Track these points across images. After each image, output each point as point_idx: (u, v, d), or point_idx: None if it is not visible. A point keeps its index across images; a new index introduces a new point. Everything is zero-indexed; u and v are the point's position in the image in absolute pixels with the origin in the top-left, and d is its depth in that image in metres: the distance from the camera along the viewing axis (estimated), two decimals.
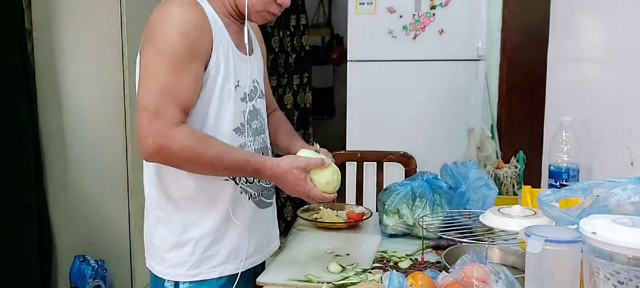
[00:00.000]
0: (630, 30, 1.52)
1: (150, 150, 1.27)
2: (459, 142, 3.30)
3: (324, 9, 5.34)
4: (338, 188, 1.37)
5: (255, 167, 1.33)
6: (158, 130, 1.25)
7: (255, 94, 1.47)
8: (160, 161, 1.32)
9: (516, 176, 2.36)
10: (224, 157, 1.30)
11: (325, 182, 1.33)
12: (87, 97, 2.90)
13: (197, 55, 1.30)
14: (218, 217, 1.41)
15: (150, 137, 1.26)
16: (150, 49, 1.29)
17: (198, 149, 1.28)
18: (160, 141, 1.26)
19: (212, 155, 1.29)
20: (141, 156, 1.31)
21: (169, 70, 1.27)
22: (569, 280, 1.02)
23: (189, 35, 1.28)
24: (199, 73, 1.31)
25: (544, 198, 1.13)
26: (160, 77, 1.27)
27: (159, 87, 1.27)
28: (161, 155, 1.28)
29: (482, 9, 3.26)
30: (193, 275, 1.42)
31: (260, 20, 1.45)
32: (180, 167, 1.33)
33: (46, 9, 2.87)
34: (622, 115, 1.55)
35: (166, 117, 1.26)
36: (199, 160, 1.29)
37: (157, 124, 1.25)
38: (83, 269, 2.81)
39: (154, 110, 1.26)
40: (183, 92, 1.28)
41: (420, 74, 3.32)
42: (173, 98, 1.27)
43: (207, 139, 1.31)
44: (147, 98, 1.27)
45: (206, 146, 1.29)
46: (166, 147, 1.26)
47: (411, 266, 1.47)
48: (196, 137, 1.29)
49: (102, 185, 2.93)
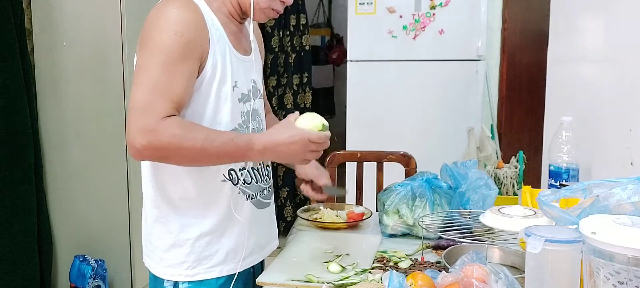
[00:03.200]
0: (630, 30, 1.52)
1: (139, 148, 1.22)
2: (459, 142, 3.30)
3: (324, 9, 5.34)
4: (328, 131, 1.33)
5: (245, 141, 1.28)
6: (146, 126, 1.21)
7: (254, 95, 1.47)
8: (151, 157, 1.28)
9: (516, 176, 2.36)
10: (213, 138, 1.26)
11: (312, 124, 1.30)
12: (87, 97, 2.90)
13: (191, 55, 1.29)
14: (216, 217, 1.41)
15: (138, 134, 1.21)
16: (144, 50, 1.29)
17: (187, 135, 1.22)
18: (148, 136, 1.21)
19: (201, 139, 1.24)
20: (132, 156, 1.26)
21: (161, 69, 1.24)
22: (569, 280, 1.02)
23: (184, 34, 1.26)
24: (192, 73, 1.30)
25: (544, 198, 1.13)
26: (151, 75, 1.25)
27: (151, 85, 1.24)
28: (151, 151, 1.23)
29: (482, 9, 3.27)
30: (191, 274, 1.42)
31: (263, 17, 1.45)
32: (172, 160, 1.30)
33: (46, 9, 2.87)
34: (622, 115, 1.55)
35: (155, 112, 1.22)
36: (189, 147, 1.23)
37: (145, 119, 1.22)
38: (83, 269, 2.81)
39: (142, 107, 1.23)
40: (174, 90, 1.26)
41: (420, 74, 3.32)
42: (163, 94, 1.24)
43: (194, 125, 1.28)
44: (137, 96, 1.24)
45: (195, 131, 1.25)
46: (154, 141, 1.21)
47: (411, 266, 1.47)
48: (184, 125, 1.25)
49: (102, 185, 2.93)
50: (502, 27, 3.48)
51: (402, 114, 3.33)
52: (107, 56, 2.84)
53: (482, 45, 3.27)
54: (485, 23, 3.29)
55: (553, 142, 1.71)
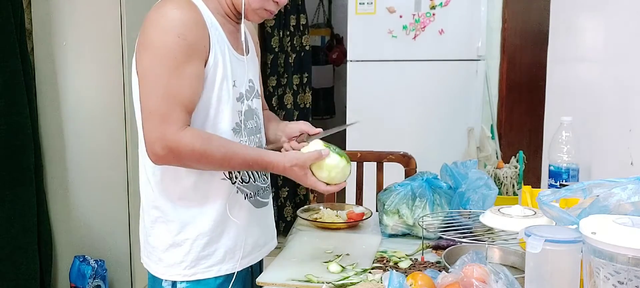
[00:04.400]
0: (630, 30, 1.52)
1: (160, 154, 1.29)
2: (459, 142, 3.31)
3: (324, 9, 5.34)
4: (347, 173, 1.38)
5: (263, 165, 1.37)
6: (165, 135, 1.27)
7: (251, 94, 1.47)
8: (169, 164, 1.34)
9: (516, 176, 2.36)
10: (231, 158, 1.33)
11: (327, 176, 1.35)
12: (87, 97, 2.90)
13: (195, 56, 1.30)
14: (214, 216, 1.41)
15: (158, 142, 1.28)
16: (148, 53, 1.30)
17: (206, 152, 1.30)
18: (169, 145, 1.28)
19: (220, 157, 1.32)
20: (151, 160, 1.33)
21: (170, 74, 1.27)
22: (569, 280, 1.02)
23: (186, 36, 1.28)
24: (199, 72, 1.32)
25: (544, 198, 1.13)
26: (163, 81, 1.28)
27: (163, 90, 1.28)
28: (170, 159, 1.31)
29: (482, 9, 3.27)
30: (190, 274, 1.42)
31: (257, 18, 1.45)
32: (188, 167, 1.36)
33: (46, 9, 2.86)
34: (622, 115, 1.55)
35: (173, 121, 1.27)
36: (207, 162, 1.32)
37: (164, 128, 1.27)
38: (83, 269, 2.81)
39: (160, 115, 1.27)
40: (186, 93, 1.30)
41: (420, 74, 3.32)
42: (177, 101, 1.28)
43: (212, 140, 1.33)
44: (151, 103, 1.29)
45: (213, 148, 1.31)
46: (174, 151, 1.28)
47: (411, 266, 1.47)
48: (203, 138, 1.31)
49: (101, 185, 2.92)
50: (502, 27, 3.48)
51: (402, 114, 3.33)
52: (107, 56, 2.83)
53: (482, 45, 3.27)
54: (485, 23, 3.29)
55: (553, 142, 1.71)
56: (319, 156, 1.35)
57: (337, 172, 1.36)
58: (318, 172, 1.36)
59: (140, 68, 1.32)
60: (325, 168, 1.35)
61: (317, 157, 1.35)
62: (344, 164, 1.37)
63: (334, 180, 1.36)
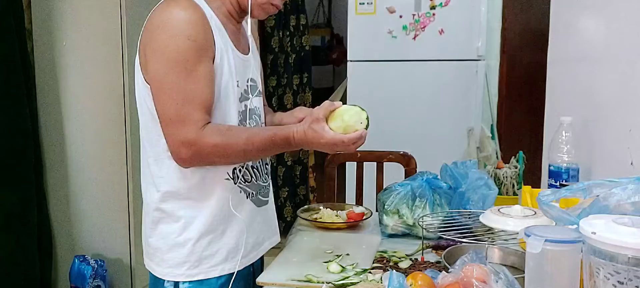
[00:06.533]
0: (630, 30, 1.52)
1: (185, 157, 1.32)
2: (459, 142, 3.30)
3: (324, 9, 5.35)
4: (363, 118, 1.32)
5: (283, 137, 1.34)
6: (187, 138, 1.29)
7: (252, 93, 1.48)
8: (197, 165, 1.36)
9: (516, 176, 2.36)
10: (253, 140, 1.34)
11: (341, 122, 1.31)
12: (87, 97, 2.90)
13: (205, 56, 1.32)
14: (216, 216, 1.41)
15: (182, 147, 1.30)
16: (160, 59, 1.30)
17: (229, 143, 1.32)
18: (192, 148, 1.30)
19: (242, 144, 1.33)
20: (179, 165, 1.35)
21: (186, 78, 1.28)
22: (569, 280, 1.02)
23: (195, 38, 1.29)
24: (211, 71, 1.33)
25: (544, 198, 1.13)
26: (179, 87, 1.29)
27: (181, 96, 1.29)
28: (196, 160, 1.33)
29: (482, 9, 3.27)
30: (193, 274, 1.42)
31: (263, 14, 1.45)
32: (216, 164, 1.38)
33: (46, 9, 2.87)
34: (622, 115, 1.55)
35: (192, 122, 1.29)
36: (232, 153, 1.34)
37: (185, 131, 1.29)
38: (83, 269, 2.81)
39: (179, 120, 1.29)
40: (203, 94, 1.31)
41: (420, 74, 3.32)
42: (196, 103, 1.29)
43: (232, 131, 1.35)
44: (171, 110, 1.30)
45: (234, 138, 1.33)
46: (199, 152, 1.31)
47: (411, 266, 1.47)
48: (222, 132, 1.32)
49: (102, 185, 2.92)
50: (502, 27, 3.48)
51: (402, 114, 3.33)
52: (107, 56, 2.83)
53: (482, 45, 3.27)
54: (485, 23, 3.29)
55: (553, 142, 1.71)
56: (330, 105, 1.33)
57: (351, 115, 1.32)
58: (333, 124, 1.31)
59: (153, 75, 1.32)
60: (338, 114, 1.32)
61: (328, 106, 1.32)
62: (357, 109, 1.33)
63: (350, 123, 1.31)
